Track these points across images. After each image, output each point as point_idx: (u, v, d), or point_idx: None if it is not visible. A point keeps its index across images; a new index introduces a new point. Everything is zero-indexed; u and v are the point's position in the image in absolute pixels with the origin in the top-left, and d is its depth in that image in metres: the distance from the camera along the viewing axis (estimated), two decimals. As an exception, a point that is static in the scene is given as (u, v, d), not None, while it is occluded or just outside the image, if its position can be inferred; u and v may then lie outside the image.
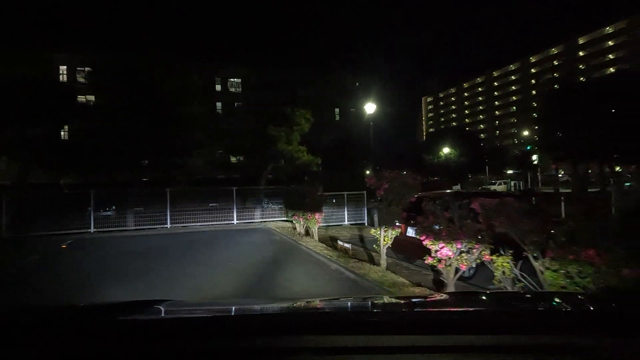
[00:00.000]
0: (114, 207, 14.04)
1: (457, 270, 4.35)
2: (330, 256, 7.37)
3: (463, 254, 4.08)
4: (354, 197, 15.24)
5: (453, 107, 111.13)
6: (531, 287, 3.35)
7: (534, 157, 41.03)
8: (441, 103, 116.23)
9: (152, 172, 21.94)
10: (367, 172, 45.57)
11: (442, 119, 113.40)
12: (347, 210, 14.97)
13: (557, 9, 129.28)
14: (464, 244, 4.06)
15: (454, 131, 43.06)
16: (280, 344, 0.93)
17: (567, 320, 1.07)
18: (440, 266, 4.41)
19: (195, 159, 24.62)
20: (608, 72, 71.84)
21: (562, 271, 2.96)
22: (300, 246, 9.01)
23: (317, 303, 1.71)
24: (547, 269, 3.07)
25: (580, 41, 77.99)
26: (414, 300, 1.99)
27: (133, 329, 1.08)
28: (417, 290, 4.87)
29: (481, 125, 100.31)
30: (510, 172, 46.65)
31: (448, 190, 8.59)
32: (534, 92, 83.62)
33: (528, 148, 43.73)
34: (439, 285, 4.74)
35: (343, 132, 35.20)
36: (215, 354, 0.93)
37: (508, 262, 3.53)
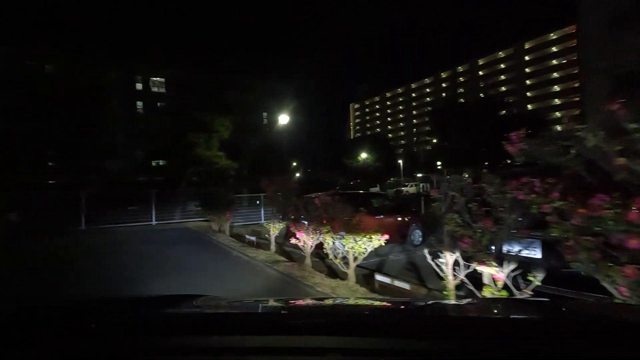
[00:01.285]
0: (13, 213, 13.64)
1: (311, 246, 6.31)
2: (234, 246, 8.99)
3: (311, 234, 6.03)
4: (272, 198, 16.90)
5: (377, 114, 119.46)
6: (341, 251, 5.37)
7: (438, 162, 47.05)
8: (367, 110, 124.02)
9: (65, 175, 21.07)
10: (297, 174, 47.43)
11: (368, 125, 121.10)
12: (264, 210, 16.57)
13: (466, 32, 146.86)
14: (313, 228, 6.01)
15: (371, 138, 47.33)
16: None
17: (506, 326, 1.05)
18: (300, 244, 6.33)
19: (115, 161, 24.06)
20: (500, 90, 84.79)
21: (351, 237, 5.02)
22: (212, 240, 10.44)
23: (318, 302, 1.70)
24: (344, 237, 5.12)
25: (480, 62, 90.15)
26: (343, 303, 2.01)
27: (154, 322, 1.11)
28: (290, 264, 6.73)
29: (401, 132, 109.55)
30: (419, 175, 52.69)
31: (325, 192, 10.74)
32: (444, 103, 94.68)
33: (435, 154, 49.94)
34: (302, 258, 6.64)
35: (271, 136, 36.52)
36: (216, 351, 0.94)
37: (332, 237, 5.52)
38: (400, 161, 53.03)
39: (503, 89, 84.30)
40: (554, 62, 76.13)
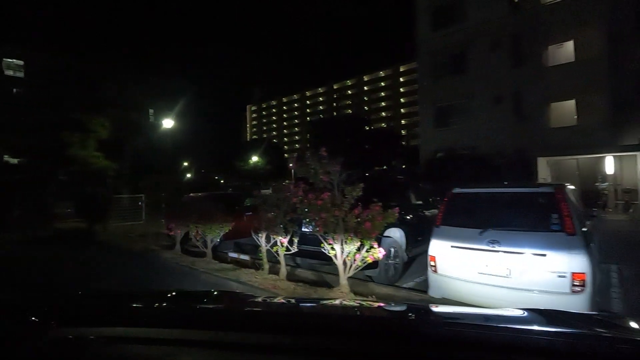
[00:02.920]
0: None
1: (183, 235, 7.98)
2: (115, 242, 9.92)
3: (180, 225, 7.71)
4: (154, 198, 17.38)
5: (274, 117, 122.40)
6: (202, 236, 7.22)
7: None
8: (264, 113, 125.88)
9: None
10: (189, 175, 46.24)
11: (265, 128, 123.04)
12: (145, 209, 17.03)
13: (359, 48, 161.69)
14: (183, 220, 7.70)
15: (263, 141, 49.45)
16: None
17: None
18: (171, 233, 7.94)
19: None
20: (380, 105, 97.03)
21: (209, 225, 6.93)
22: (91, 238, 10.99)
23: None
24: (204, 226, 6.99)
25: (365, 78, 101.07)
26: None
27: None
28: (163, 250, 8.23)
29: (296, 137, 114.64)
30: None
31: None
32: (335, 113, 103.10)
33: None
34: (174, 245, 8.22)
35: (159, 135, 35.06)
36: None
37: (195, 227, 7.31)
38: (291, 165, 56.43)
39: (383, 104, 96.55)
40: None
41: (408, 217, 6.96)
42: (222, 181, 51.95)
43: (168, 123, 16.67)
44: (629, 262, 6.56)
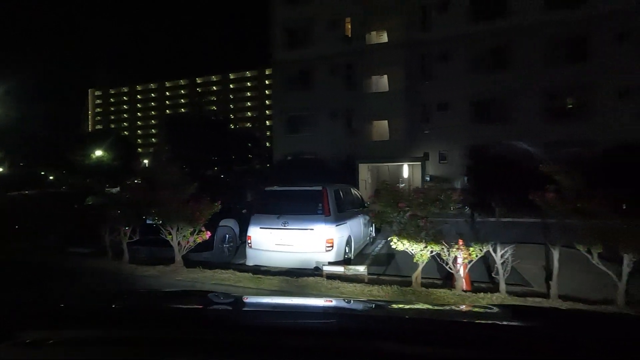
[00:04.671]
0: None
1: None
2: None
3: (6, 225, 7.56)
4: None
5: (125, 106, 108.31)
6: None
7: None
8: (112, 100, 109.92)
9: None
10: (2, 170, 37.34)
11: (113, 117, 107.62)
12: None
13: (227, 45, 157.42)
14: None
15: (109, 134, 44.18)
16: None
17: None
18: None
19: None
20: (246, 105, 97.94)
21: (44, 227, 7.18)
22: None
23: None
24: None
25: (231, 76, 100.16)
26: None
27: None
28: None
29: (153, 130, 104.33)
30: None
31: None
32: (198, 109, 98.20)
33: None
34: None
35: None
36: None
37: (27, 226, 7.38)
38: (146, 161, 51.82)
39: (249, 104, 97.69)
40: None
41: (242, 211, 8.77)
42: (51, 177, 43.77)
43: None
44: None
